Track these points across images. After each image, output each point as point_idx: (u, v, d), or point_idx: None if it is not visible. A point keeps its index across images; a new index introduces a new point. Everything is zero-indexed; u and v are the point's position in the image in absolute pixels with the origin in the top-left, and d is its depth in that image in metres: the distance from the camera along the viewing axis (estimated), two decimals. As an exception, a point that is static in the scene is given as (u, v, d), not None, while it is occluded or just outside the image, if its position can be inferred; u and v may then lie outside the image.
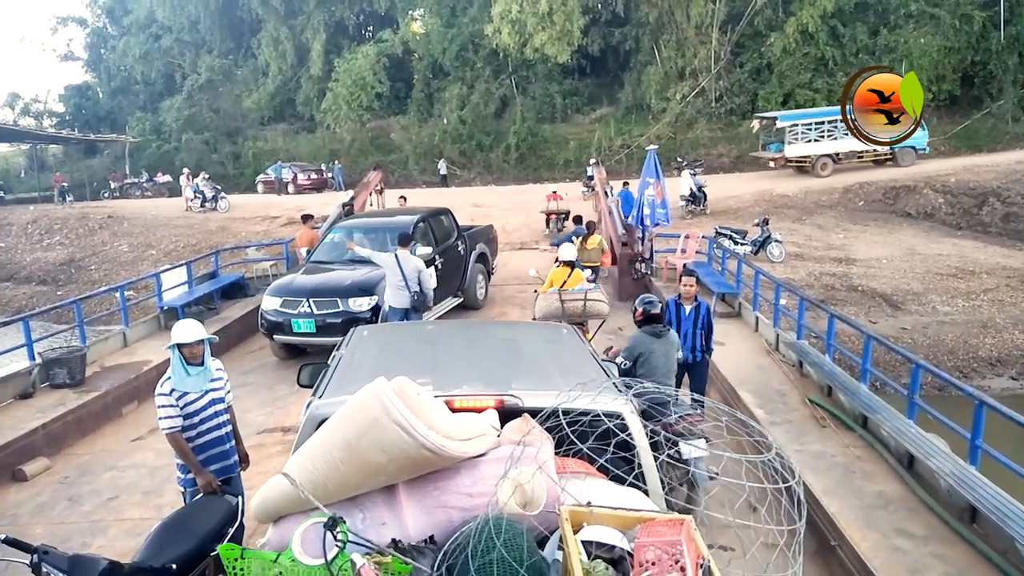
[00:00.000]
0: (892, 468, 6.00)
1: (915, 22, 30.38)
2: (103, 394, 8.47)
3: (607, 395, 3.09)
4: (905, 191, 21.04)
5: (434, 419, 2.58)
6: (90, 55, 48.78)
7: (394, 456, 2.45)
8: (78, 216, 26.97)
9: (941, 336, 12.84)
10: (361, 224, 12.14)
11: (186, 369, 4.41)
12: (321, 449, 2.57)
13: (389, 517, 2.54)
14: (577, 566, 2.01)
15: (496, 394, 3.18)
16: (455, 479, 2.62)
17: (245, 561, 2.32)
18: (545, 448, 2.70)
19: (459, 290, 11.95)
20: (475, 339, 4.87)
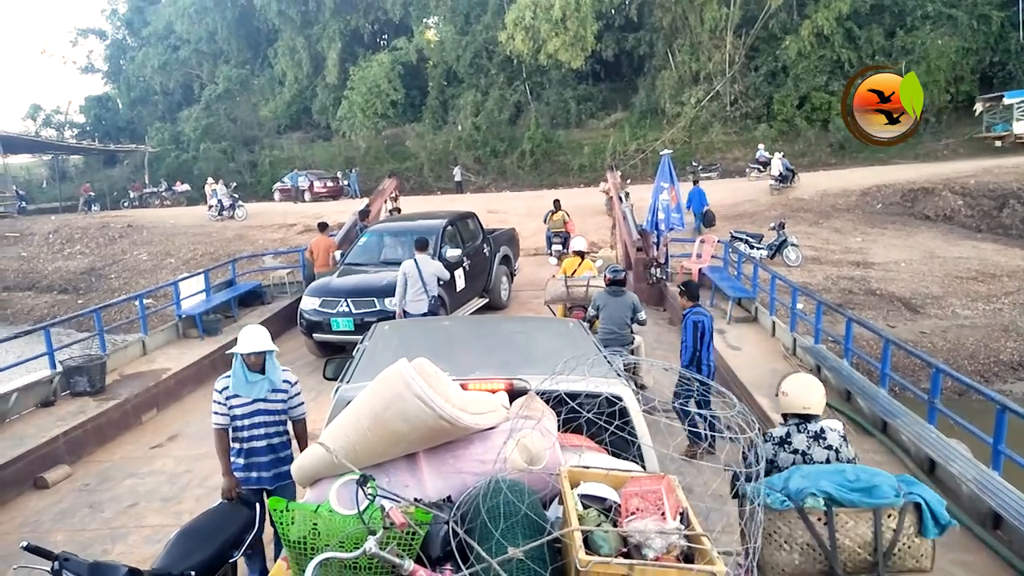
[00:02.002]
0: (913, 473, 5.93)
1: (932, 23, 30.13)
2: (123, 402, 8.56)
3: (608, 378, 3.44)
4: (924, 193, 20.82)
5: (450, 394, 2.92)
6: (110, 67, 49.47)
7: (415, 426, 2.80)
8: (99, 225, 27.31)
9: (961, 340, 12.69)
10: (392, 228, 12.47)
11: (245, 375, 4.40)
12: (352, 420, 2.95)
13: (411, 480, 2.87)
14: (573, 512, 2.36)
15: (506, 378, 3.53)
16: (469, 448, 2.95)
17: (290, 512, 2.64)
18: (547, 417, 3.06)
19: (484, 290, 12.32)
20: (488, 332, 5.30)
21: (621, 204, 16.64)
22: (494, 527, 2.42)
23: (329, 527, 2.54)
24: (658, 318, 12.69)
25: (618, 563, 2.18)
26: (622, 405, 3.39)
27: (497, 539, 2.37)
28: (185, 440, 8.12)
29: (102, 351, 9.74)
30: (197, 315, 11.55)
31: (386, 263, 10.82)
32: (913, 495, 3.16)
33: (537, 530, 2.42)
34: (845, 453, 3.78)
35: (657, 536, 2.25)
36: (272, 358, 4.45)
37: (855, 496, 3.12)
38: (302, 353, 11.26)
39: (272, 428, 4.50)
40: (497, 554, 2.30)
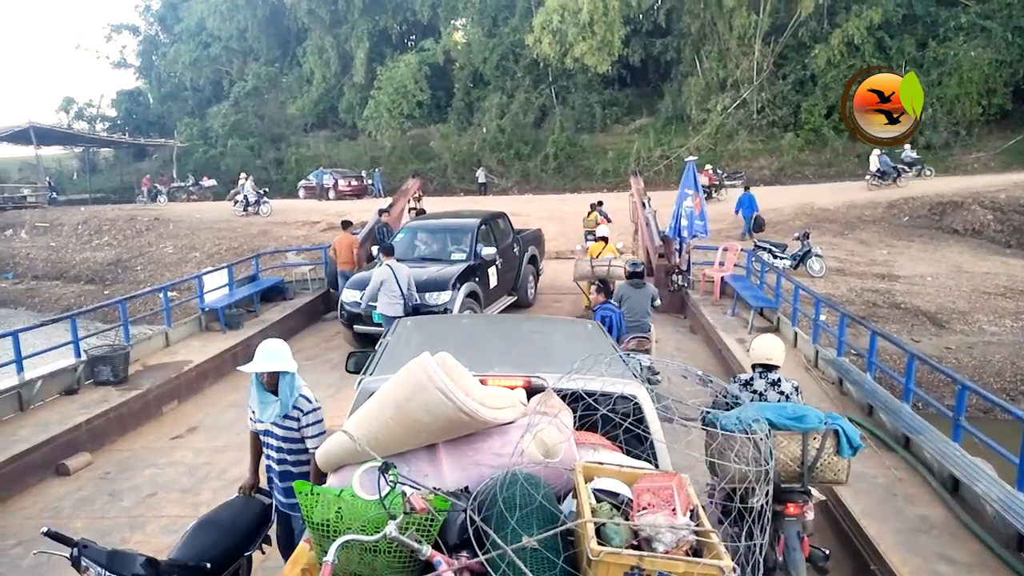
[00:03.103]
0: (935, 491, 5.83)
1: (965, 34, 29.66)
2: (144, 392, 8.66)
3: (624, 378, 3.58)
4: (952, 207, 20.51)
5: (470, 388, 3.03)
6: (142, 62, 50.22)
7: (436, 417, 2.89)
8: (126, 218, 27.73)
9: (988, 357, 12.46)
10: (426, 226, 12.74)
11: (258, 394, 4.05)
12: (375, 410, 3.06)
13: (431, 470, 2.97)
14: (586, 504, 2.45)
15: (524, 375, 3.63)
16: (487, 441, 3.04)
17: (314, 496, 2.73)
18: (563, 413, 3.15)
19: (513, 289, 12.59)
20: (507, 330, 5.47)
21: (644, 210, 16.56)
22: (510, 516, 2.48)
23: (351, 511, 2.63)
24: (679, 326, 12.62)
25: (628, 554, 2.24)
26: (637, 404, 3.52)
27: (512, 527, 2.43)
28: (205, 432, 8.20)
29: (126, 342, 9.85)
30: (220, 309, 11.67)
31: (423, 259, 11.23)
32: (833, 424, 4.19)
33: (551, 521, 2.50)
34: (794, 399, 4.75)
35: (667, 530, 2.33)
36: (289, 378, 3.96)
37: (789, 423, 4.15)
38: (322, 349, 11.36)
39: (282, 455, 4.08)
40: (512, 542, 2.37)
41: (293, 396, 3.95)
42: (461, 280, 10.38)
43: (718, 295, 13.19)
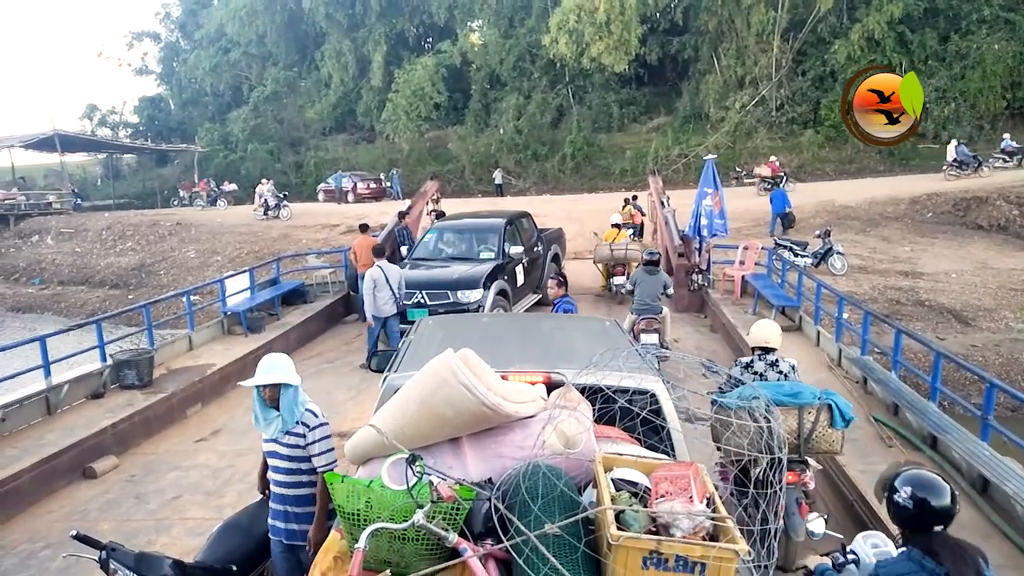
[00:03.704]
0: (964, 492, 5.74)
1: (988, 27, 29.21)
2: (169, 396, 8.75)
3: (642, 373, 3.70)
4: (977, 202, 20.18)
5: (492, 383, 3.10)
6: (163, 68, 50.86)
7: (459, 411, 2.98)
8: (149, 223, 28.07)
9: (1015, 354, 12.25)
10: (455, 225, 13.00)
11: (260, 410, 3.83)
12: (401, 405, 3.16)
13: (455, 463, 3.05)
14: (606, 493, 2.55)
15: (544, 371, 3.73)
16: (510, 434, 3.12)
17: (344, 485, 2.81)
18: (583, 406, 3.24)
19: (537, 287, 12.74)
20: (527, 328, 5.59)
21: (663, 209, 16.48)
22: (532, 504, 2.57)
23: (380, 501, 2.72)
24: (700, 325, 12.54)
25: (647, 539, 2.32)
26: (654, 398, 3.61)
27: (535, 515, 2.52)
28: (228, 435, 8.28)
29: (150, 345, 9.97)
30: (242, 312, 11.77)
31: (452, 258, 11.61)
32: (827, 399, 4.58)
33: (572, 509, 2.59)
34: (792, 377, 5.21)
35: (684, 517, 2.40)
36: (291, 392, 3.76)
37: (786, 399, 4.52)
38: (342, 352, 11.43)
39: (285, 477, 3.86)
40: (535, 529, 2.45)
41: (297, 411, 3.78)
42: (491, 279, 10.52)
43: (739, 294, 13.09)
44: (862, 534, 3.29)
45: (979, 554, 2.63)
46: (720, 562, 2.28)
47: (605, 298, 14.12)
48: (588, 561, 2.48)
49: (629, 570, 2.32)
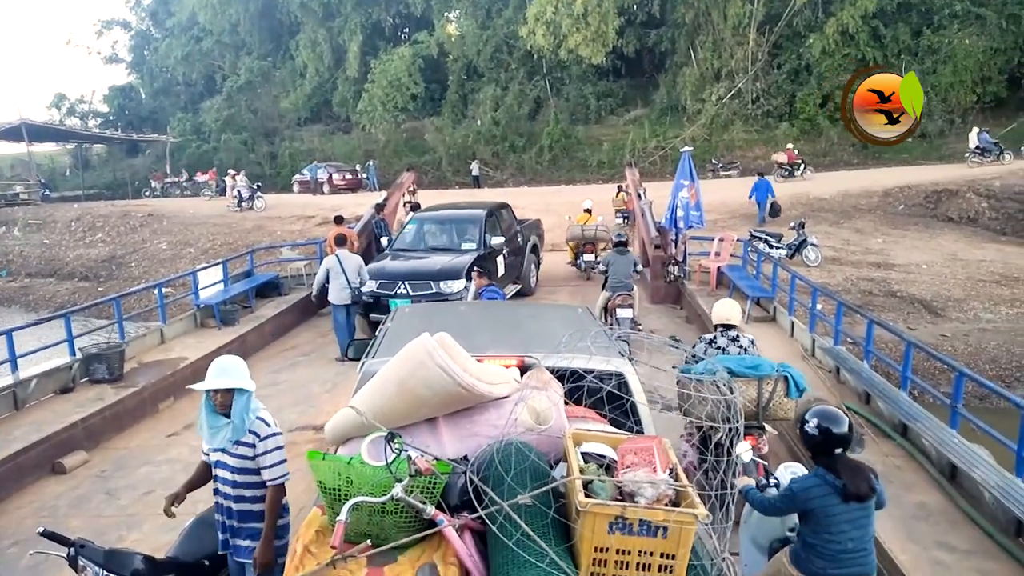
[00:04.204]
0: (933, 478, 5.84)
1: (960, 22, 29.63)
2: (140, 390, 8.62)
3: (611, 356, 3.90)
4: (947, 195, 20.50)
5: (468, 365, 3.21)
6: (134, 57, 49.97)
7: (436, 392, 3.10)
8: (119, 214, 27.59)
9: (983, 344, 12.48)
10: (436, 216, 13.05)
11: (209, 418, 3.57)
12: (380, 387, 3.27)
13: (432, 441, 3.17)
14: (575, 464, 2.69)
15: (518, 355, 3.86)
16: (484, 414, 3.24)
17: (325, 462, 2.91)
18: (553, 385, 3.37)
19: (518, 277, 12.84)
20: (501, 316, 5.80)
21: (639, 201, 16.55)
22: (505, 476, 2.71)
23: (360, 477, 2.83)
24: (676, 316, 12.62)
25: (613, 505, 2.47)
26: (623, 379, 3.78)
27: (508, 485, 2.66)
28: (201, 429, 8.17)
29: (121, 339, 9.81)
30: (215, 305, 11.62)
31: (434, 249, 11.63)
32: (783, 371, 5.06)
33: (543, 480, 2.75)
34: (751, 351, 5.62)
35: (648, 485, 2.55)
36: (244, 398, 3.52)
37: (747, 371, 5.01)
38: (318, 344, 11.33)
39: (231, 490, 3.58)
40: (508, 499, 2.58)
41: (248, 419, 3.51)
42: (472, 269, 10.45)
43: (714, 285, 13.18)
44: (783, 464, 4.02)
45: (871, 471, 3.48)
46: (680, 525, 2.43)
47: (575, 277, 15.03)
48: (558, 528, 2.62)
49: (596, 534, 2.45)
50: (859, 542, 3.41)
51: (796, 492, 3.44)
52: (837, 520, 3.35)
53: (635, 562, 2.47)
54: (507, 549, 2.49)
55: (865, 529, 3.44)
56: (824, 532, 3.38)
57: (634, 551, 2.46)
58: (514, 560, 2.44)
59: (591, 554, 2.47)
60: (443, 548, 2.70)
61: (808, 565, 3.44)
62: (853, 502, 3.36)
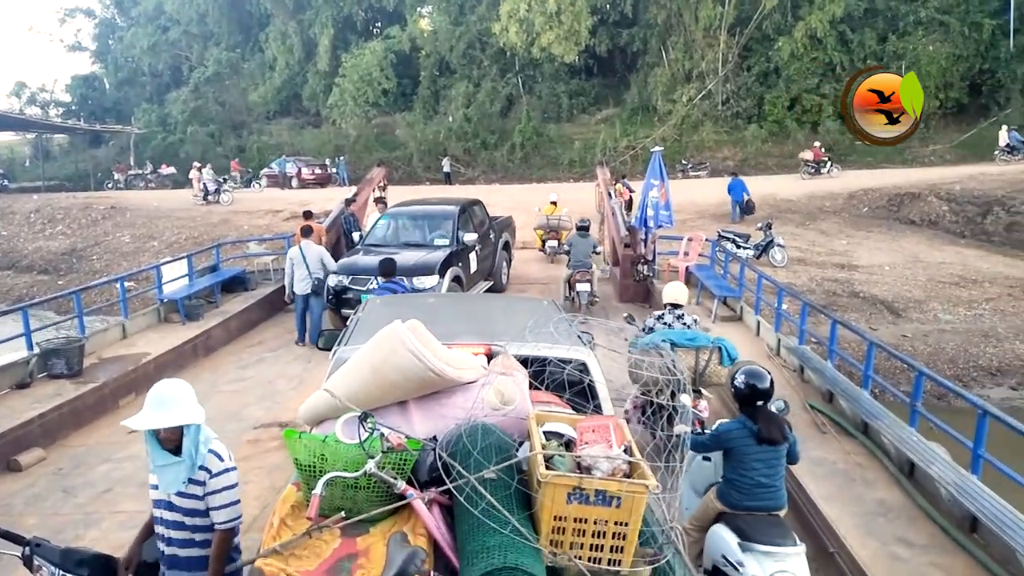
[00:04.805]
0: (893, 475, 5.96)
1: (924, 29, 30.30)
2: (100, 386, 8.42)
3: (574, 345, 4.13)
4: (910, 198, 20.95)
5: (437, 351, 3.38)
6: (98, 46, 48.77)
7: (407, 376, 3.26)
8: (81, 206, 26.98)
9: (942, 344, 12.78)
10: (408, 212, 12.88)
11: (152, 452, 3.05)
12: (353, 372, 3.41)
13: (402, 423, 3.28)
14: (537, 441, 2.87)
15: (486, 343, 4.02)
16: (453, 397, 3.39)
17: (302, 440, 2.99)
18: (519, 371, 3.55)
19: (490, 274, 12.80)
20: (470, 306, 6.06)
21: (610, 200, 16.62)
22: (472, 451, 2.87)
23: (335, 454, 2.92)
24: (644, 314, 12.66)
25: (571, 476, 2.66)
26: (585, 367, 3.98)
27: (475, 458, 2.82)
28: (163, 425, 8.01)
29: (81, 334, 9.60)
30: (179, 300, 11.42)
31: (406, 244, 11.48)
32: (718, 343, 5.97)
33: (507, 457, 2.90)
34: (694, 328, 6.34)
35: (604, 460, 2.75)
36: (194, 431, 3.04)
37: (686, 342, 5.91)
38: (285, 340, 11.19)
39: (177, 533, 3.12)
40: (474, 473, 2.74)
41: (200, 453, 3.04)
42: (446, 265, 10.50)
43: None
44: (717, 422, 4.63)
45: (785, 423, 4.23)
46: (633, 495, 2.63)
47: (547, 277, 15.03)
48: (521, 500, 2.80)
49: (556, 503, 2.63)
50: (770, 479, 4.06)
51: (720, 433, 4.15)
52: (751, 459, 4.03)
53: (591, 530, 2.66)
54: (473, 518, 2.64)
55: (775, 469, 4.09)
56: (740, 468, 4.05)
57: (590, 520, 2.65)
58: (479, 528, 2.60)
59: (551, 522, 2.65)
60: (413, 520, 2.84)
61: (728, 498, 4.08)
62: (766, 445, 4.04)
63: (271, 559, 2.70)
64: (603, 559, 2.67)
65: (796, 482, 5.81)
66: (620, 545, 2.67)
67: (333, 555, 2.74)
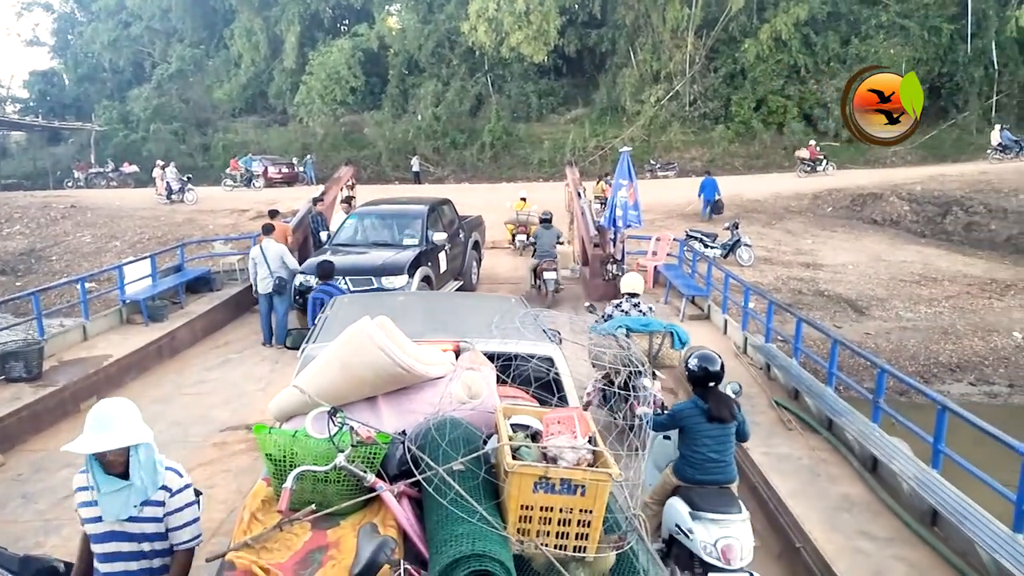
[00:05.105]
0: (856, 471, 6.07)
1: (885, 32, 30.96)
2: (60, 389, 8.23)
3: (542, 341, 4.24)
4: (872, 198, 21.39)
5: (406, 347, 3.43)
6: (57, 41, 47.68)
7: (377, 372, 3.29)
8: (40, 205, 26.31)
9: (904, 342, 13.06)
10: (376, 211, 12.79)
11: (96, 478, 2.78)
12: (322, 368, 3.44)
13: (372, 418, 3.30)
14: (504, 433, 2.94)
15: (454, 340, 4.05)
16: (422, 392, 3.43)
17: (272, 435, 2.99)
18: (486, 366, 3.63)
19: (459, 274, 12.75)
20: (438, 304, 6.17)
21: (579, 200, 16.69)
22: (440, 442, 2.92)
23: (305, 448, 2.95)
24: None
25: (537, 466, 2.73)
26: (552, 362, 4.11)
27: (443, 450, 2.86)
28: (126, 429, 7.84)
29: (40, 336, 9.37)
30: (142, 301, 11.19)
31: (375, 244, 11.42)
32: (670, 328, 6.64)
33: (474, 449, 2.97)
34: (649, 315, 6.98)
35: (569, 450, 2.82)
36: (143, 450, 2.81)
37: (641, 328, 6.57)
38: (252, 341, 11.05)
39: (135, 565, 2.88)
40: (443, 463, 2.79)
41: (156, 473, 2.83)
42: (415, 265, 10.43)
43: (651, 284, 13.41)
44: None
45: (734, 402, 4.56)
46: (597, 483, 2.70)
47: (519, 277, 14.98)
48: (488, 491, 2.84)
49: (522, 493, 2.70)
50: (720, 455, 4.38)
51: (675, 412, 4.51)
52: (703, 436, 4.37)
53: (557, 518, 2.72)
54: (442, 509, 2.69)
55: (725, 445, 4.42)
56: (693, 444, 4.37)
57: (556, 508, 2.71)
58: (448, 518, 2.65)
59: (517, 511, 2.71)
60: (383, 513, 2.88)
61: (683, 473, 4.40)
62: (716, 423, 4.38)
63: (242, 552, 2.69)
64: (569, 546, 2.75)
65: (763, 480, 5.90)
66: (585, 532, 2.75)
67: (304, 547, 2.77)
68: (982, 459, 5.32)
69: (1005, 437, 4.80)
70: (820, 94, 31.84)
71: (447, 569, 2.49)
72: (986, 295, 14.95)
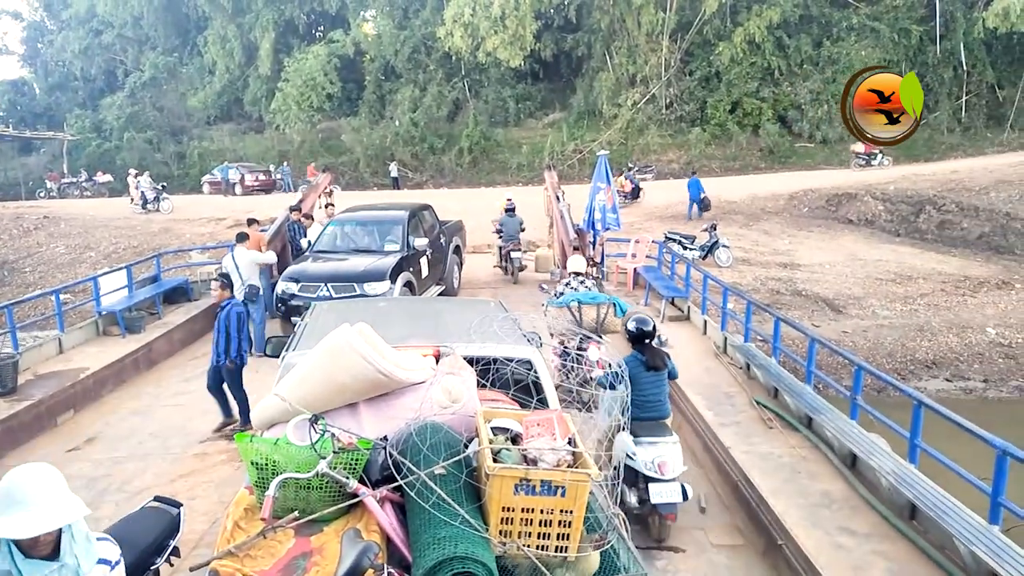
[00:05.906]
0: (836, 468, 6.14)
1: (856, 35, 31.41)
2: (36, 403, 8.09)
3: (521, 345, 4.32)
4: (847, 198, 21.66)
5: (386, 353, 3.48)
6: (27, 49, 47.02)
7: (357, 378, 3.34)
8: (11, 216, 25.86)
9: (880, 339, 13.23)
10: (356, 218, 12.76)
11: (24, 568, 2.25)
12: (303, 375, 3.49)
13: (353, 424, 3.34)
14: (485, 436, 2.98)
15: (434, 345, 4.10)
16: (402, 398, 3.47)
17: (253, 443, 3.04)
18: (467, 371, 3.68)
19: (441, 279, 12.75)
20: (417, 309, 6.26)
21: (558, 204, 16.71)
22: (421, 447, 2.96)
23: (287, 456, 3.00)
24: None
25: (517, 468, 2.76)
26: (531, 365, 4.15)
27: (424, 454, 2.91)
28: (104, 443, 7.74)
29: (14, 349, 9.20)
30: (118, 312, 11.04)
31: (356, 251, 11.45)
32: (612, 300, 7.83)
33: (455, 452, 3.01)
34: (593, 290, 8.26)
35: (549, 451, 2.87)
36: (74, 529, 2.38)
37: (589, 300, 7.71)
38: (231, 351, 10.91)
39: None
40: (424, 468, 2.83)
41: (90, 550, 2.41)
42: (397, 271, 10.42)
43: (631, 286, 13.48)
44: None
45: (666, 355, 5.81)
46: (576, 484, 2.75)
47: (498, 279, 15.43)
48: (470, 494, 2.88)
49: (503, 495, 2.72)
50: (656, 396, 5.61)
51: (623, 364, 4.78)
52: (643, 382, 5.48)
53: (538, 519, 2.76)
54: (425, 513, 2.73)
55: (660, 388, 5.66)
56: (636, 389, 5.17)
57: (537, 509, 2.75)
58: (431, 521, 2.69)
59: (499, 513, 2.74)
60: (366, 518, 2.90)
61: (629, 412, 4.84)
62: (652, 371, 5.59)
63: (226, 560, 2.71)
64: (550, 547, 2.78)
65: (745, 478, 5.95)
66: (566, 532, 2.78)
67: (287, 554, 2.78)
68: (958, 454, 5.40)
69: (980, 431, 4.88)
70: (794, 96, 32.23)
71: (430, 572, 2.51)
72: (960, 292, 15.21)
